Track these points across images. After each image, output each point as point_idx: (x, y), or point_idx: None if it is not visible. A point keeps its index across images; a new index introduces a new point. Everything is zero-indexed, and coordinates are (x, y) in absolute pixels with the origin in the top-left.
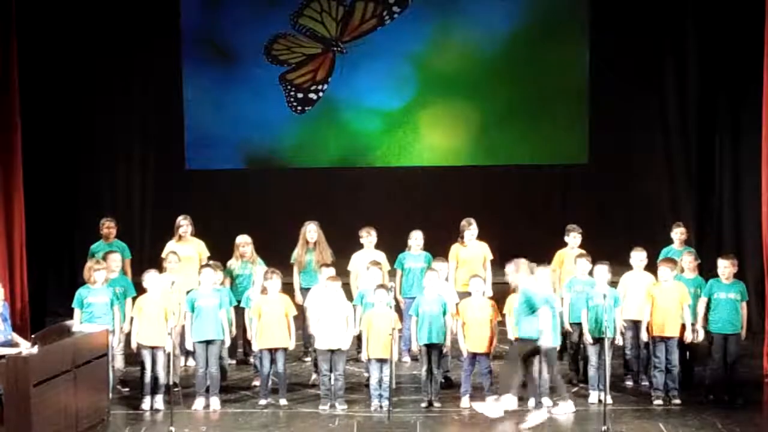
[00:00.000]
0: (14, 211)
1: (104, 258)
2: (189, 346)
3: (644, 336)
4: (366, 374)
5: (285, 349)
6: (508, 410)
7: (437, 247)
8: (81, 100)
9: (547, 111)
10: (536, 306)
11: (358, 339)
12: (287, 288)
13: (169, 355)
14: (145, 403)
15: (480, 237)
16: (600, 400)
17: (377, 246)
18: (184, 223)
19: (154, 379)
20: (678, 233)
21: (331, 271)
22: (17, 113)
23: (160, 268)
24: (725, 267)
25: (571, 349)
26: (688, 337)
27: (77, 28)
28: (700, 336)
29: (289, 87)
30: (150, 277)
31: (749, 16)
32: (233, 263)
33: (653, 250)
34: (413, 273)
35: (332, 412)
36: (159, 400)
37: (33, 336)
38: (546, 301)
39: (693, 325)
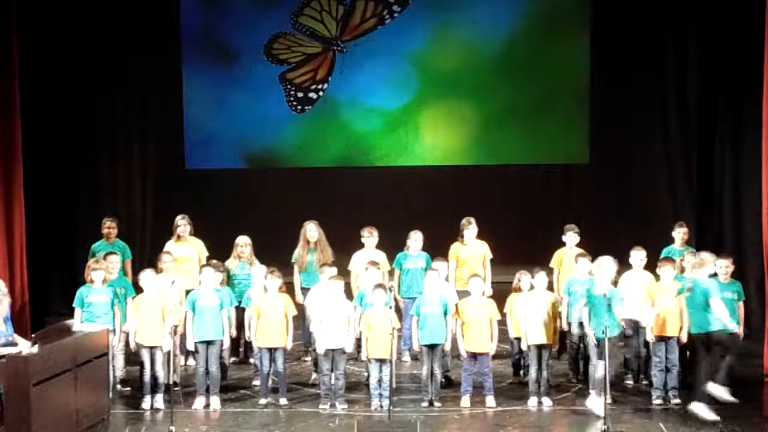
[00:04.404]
0: (15, 211)
1: (104, 258)
2: (190, 346)
3: (649, 336)
4: (366, 374)
5: (284, 349)
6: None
7: (437, 247)
8: (81, 99)
9: (547, 111)
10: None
11: (358, 339)
12: (288, 288)
13: (168, 354)
14: (146, 403)
15: (480, 236)
16: None
17: (377, 246)
18: (182, 223)
19: (154, 378)
20: (680, 233)
21: (334, 270)
22: (17, 113)
23: (157, 268)
24: (725, 267)
25: (572, 349)
26: (684, 337)
27: (77, 27)
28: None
29: (289, 86)
30: (146, 277)
31: (749, 16)
32: (231, 263)
33: (653, 250)
34: (412, 273)
35: (332, 412)
36: (159, 400)
37: (33, 335)
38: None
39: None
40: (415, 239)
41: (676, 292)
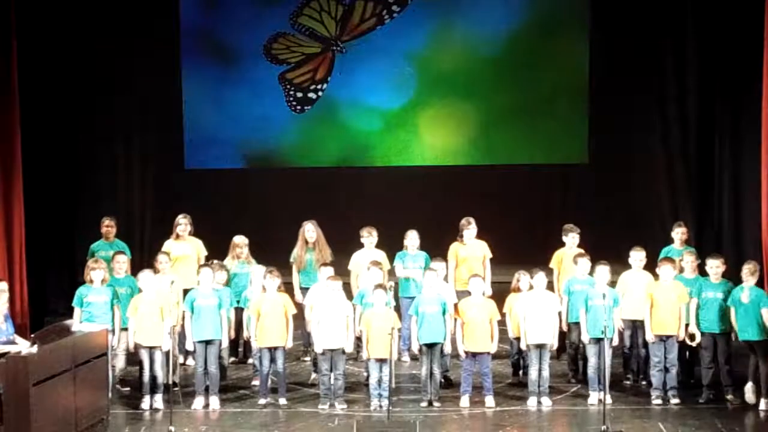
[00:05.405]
0: (14, 211)
1: (112, 258)
2: (189, 346)
3: (649, 336)
4: (365, 374)
5: (284, 348)
6: None
7: (437, 247)
8: (80, 99)
9: (547, 111)
10: None
11: (358, 339)
12: (287, 288)
13: (167, 354)
14: (145, 403)
15: (479, 236)
16: (599, 400)
17: (377, 245)
18: (183, 222)
19: (153, 378)
20: (679, 233)
21: (331, 270)
22: (17, 113)
23: (154, 269)
24: (716, 267)
25: (571, 349)
26: (681, 335)
27: (76, 27)
28: (698, 338)
29: (288, 86)
30: (145, 277)
31: (749, 16)
32: (229, 263)
33: (653, 250)
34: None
35: (332, 412)
36: (158, 400)
37: (32, 335)
38: None
39: (687, 325)
40: (411, 238)
41: (676, 291)
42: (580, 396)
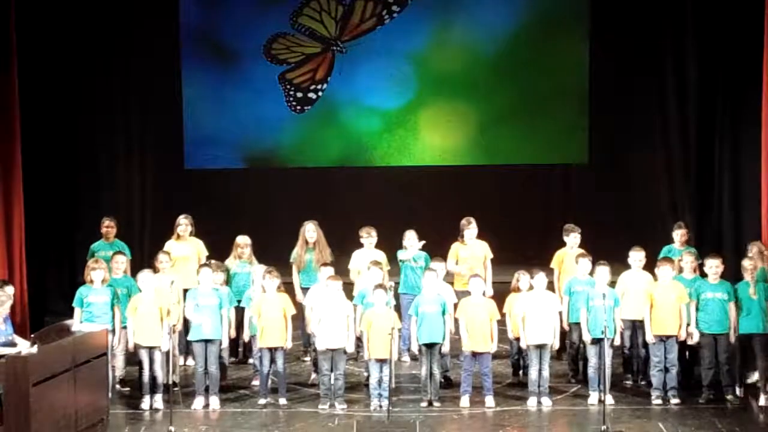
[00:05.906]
0: (14, 211)
1: (111, 258)
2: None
3: (648, 337)
4: (365, 374)
5: (284, 348)
6: None
7: (437, 247)
8: (80, 99)
9: (547, 111)
10: None
11: (358, 339)
12: (287, 288)
13: (167, 354)
14: (145, 403)
15: (480, 237)
16: (600, 400)
17: (377, 245)
18: (184, 222)
19: (153, 378)
20: (679, 234)
21: (331, 270)
22: (17, 113)
23: (154, 268)
24: (716, 267)
25: (571, 349)
26: (683, 335)
27: (76, 27)
28: (695, 338)
29: (288, 86)
30: (144, 277)
31: (749, 16)
32: (231, 263)
33: (653, 250)
34: (413, 271)
35: (332, 412)
36: (158, 400)
37: (32, 335)
38: None
39: (688, 326)
40: (409, 238)
41: (676, 292)
42: (580, 396)
